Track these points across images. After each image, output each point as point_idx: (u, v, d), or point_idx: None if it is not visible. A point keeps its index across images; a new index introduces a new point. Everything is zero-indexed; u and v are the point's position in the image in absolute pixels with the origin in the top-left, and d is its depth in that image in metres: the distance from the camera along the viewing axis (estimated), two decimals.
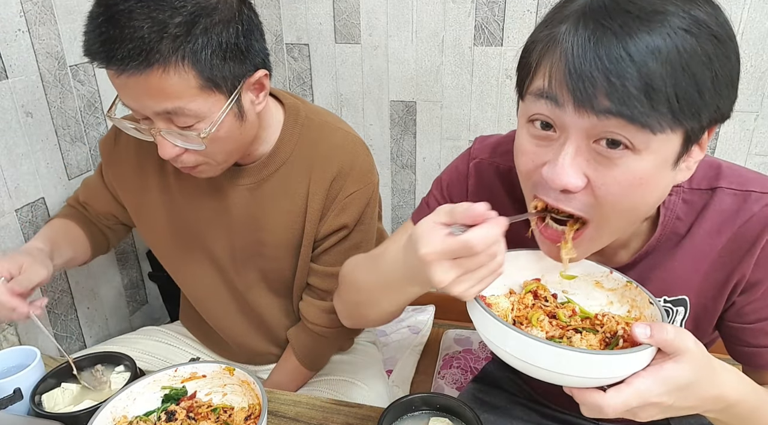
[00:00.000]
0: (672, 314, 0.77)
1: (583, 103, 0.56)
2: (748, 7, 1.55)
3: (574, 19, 0.57)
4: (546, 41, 0.59)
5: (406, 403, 0.78)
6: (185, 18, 0.80)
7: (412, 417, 0.78)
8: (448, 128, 1.90)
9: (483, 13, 1.72)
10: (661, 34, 0.54)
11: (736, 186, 0.72)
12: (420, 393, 0.80)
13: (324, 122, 1.06)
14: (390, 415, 0.75)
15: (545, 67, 0.59)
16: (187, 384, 0.82)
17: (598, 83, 0.54)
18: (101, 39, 0.79)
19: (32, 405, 0.80)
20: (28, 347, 0.89)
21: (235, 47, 0.85)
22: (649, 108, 0.55)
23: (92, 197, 1.20)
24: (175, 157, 0.90)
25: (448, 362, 1.64)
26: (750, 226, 0.70)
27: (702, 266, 0.73)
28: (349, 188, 1.03)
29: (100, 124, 1.55)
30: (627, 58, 0.54)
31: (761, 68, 1.61)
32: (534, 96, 0.61)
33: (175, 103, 0.83)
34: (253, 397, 0.79)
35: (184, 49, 0.80)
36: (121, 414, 0.76)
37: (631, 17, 0.55)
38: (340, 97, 1.95)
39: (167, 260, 1.18)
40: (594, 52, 0.54)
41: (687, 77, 0.55)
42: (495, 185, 0.85)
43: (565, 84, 0.57)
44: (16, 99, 1.28)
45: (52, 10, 1.35)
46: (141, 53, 0.78)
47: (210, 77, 0.84)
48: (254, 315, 1.17)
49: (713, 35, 0.57)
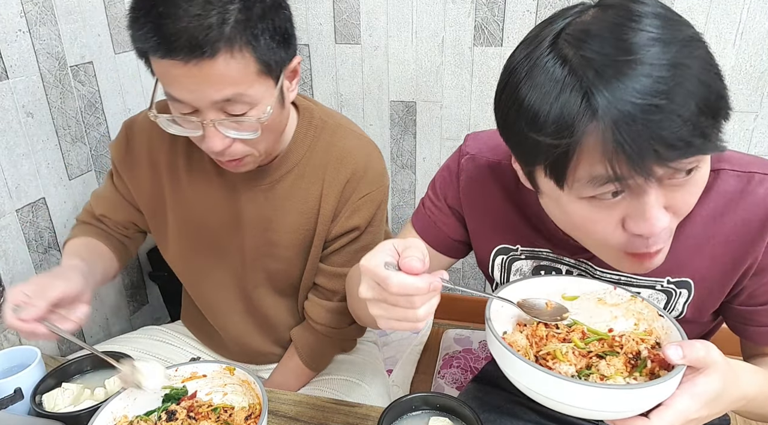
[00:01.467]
0: (675, 296, 0.77)
1: (652, 174, 0.54)
2: (748, 7, 1.55)
3: (598, 92, 0.53)
4: (580, 131, 0.54)
5: (406, 403, 0.78)
6: (243, 4, 0.79)
7: (412, 417, 0.78)
8: (448, 128, 1.91)
9: (483, 13, 1.72)
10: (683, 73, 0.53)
11: (739, 168, 0.72)
12: (420, 392, 0.80)
13: (338, 125, 1.06)
14: (390, 415, 0.75)
15: (592, 154, 0.55)
16: (187, 384, 0.82)
17: (662, 155, 0.53)
18: (162, 31, 0.77)
19: (32, 405, 0.81)
20: (29, 347, 0.89)
21: (285, 31, 0.86)
22: (708, 143, 0.54)
23: (109, 208, 1.16)
24: (223, 150, 0.88)
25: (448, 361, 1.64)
26: (757, 209, 0.70)
27: (707, 249, 0.73)
28: (362, 191, 1.04)
29: (100, 124, 1.55)
30: (677, 119, 0.52)
31: (761, 68, 1.61)
32: (589, 183, 0.58)
33: (235, 90, 0.82)
34: (253, 397, 0.79)
35: (247, 34, 0.80)
36: (122, 413, 0.76)
37: (648, 73, 0.53)
38: (340, 97, 1.95)
39: (176, 260, 1.17)
40: (641, 121, 0.52)
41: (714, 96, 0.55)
42: (486, 178, 0.85)
43: (626, 165, 0.54)
44: (17, 99, 1.28)
45: (52, 10, 1.35)
46: (207, 41, 0.77)
47: (266, 62, 0.83)
48: (259, 315, 1.17)
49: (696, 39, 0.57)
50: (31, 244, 1.36)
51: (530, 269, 0.84)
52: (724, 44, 1.61)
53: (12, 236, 1.31)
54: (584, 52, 0.55)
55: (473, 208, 0.87)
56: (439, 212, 0.91)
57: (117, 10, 1.56)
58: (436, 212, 0.91)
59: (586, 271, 0.80)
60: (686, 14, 1.72)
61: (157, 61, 0.81)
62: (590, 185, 0.58)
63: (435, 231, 0.92)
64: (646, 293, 0.78)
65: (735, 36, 1.59)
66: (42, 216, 1.38)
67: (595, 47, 0.55)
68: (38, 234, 1.38)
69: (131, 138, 1.09)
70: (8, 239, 1.30)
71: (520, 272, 0.86)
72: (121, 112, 1.62)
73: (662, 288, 0.77)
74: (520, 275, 0.86)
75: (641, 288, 0.78)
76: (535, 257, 0.83)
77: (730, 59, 1.62)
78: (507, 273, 0.87)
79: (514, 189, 0.73)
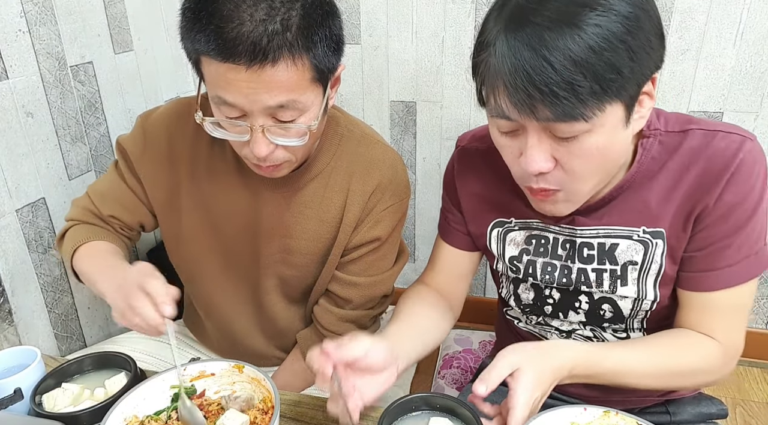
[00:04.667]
0: (652, 248, 0.83)
1: (528, 115, 0.67)
2: (748, 7, 1.55)
3: (500, 41, 0.67)
4: (483, 67, 0.71)
5: (406, 403, 0.78)
6: (305, 10, 0.79)
7: (412, 418, 0.78)
8: (448, 128, 1.90)
9: (483, 13, 1.72)
10: (571, 36, 0.63)
11: (705, 127, 0.80)
12: (420, 393, 0.80)
13: (364, 134, 1.06)
14: (390, 415, 0.75)
15: (491, 87, 0.70)
16: (195, 383, 0.82)
17: (532, 94, 0.65)
18: (225, 35, 0.76)
19: (32, 405, 0.80)
20: (28, 347, 0.89)
21: (339, 38, 0.86)
22: (578, 103, 0.64)
23: (119, 209, 1.09)
24: (267, 155, 0.87)
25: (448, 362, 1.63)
26: (717, 160, 0.77)
27: (674, 200, 0.81)
28: (387, 202, 1.04)
29: (100, 124, 1.55)
30: (549, 68, 0.63)
31: (761, 68, 1.61)
32: (490, 112, 0.73)
33: (290, 96, 0.81)
34: (262, 394, 0.80)
35: (307, 41, 0.79)
36: (132, 413, 0.77)
37: (543, 29, 0.64)
38: (340, 97, 1.95)
39: (185, 262, 1.15)
40: (522, 71, 0.64)
41: (604, 65, 0.63)
42: (478, 164, 0.96)
43: (508, 101, 0.68)
44: (17, 99, 1.28)
45: (52, 10, 1.35)
46: (271, 47, 0.76)
47: (320, 69, 0.83)
48: (266, 320, 1.16)
49: (623, 16, 0.64)
50: (31, 244, 1.36)
51: (523, 238, 0.93)
52: (724, 44, 1.61)
53: (12, 236, 1.31)
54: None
55: (468, 191, 0.97)
56: (452, 215, 1.01)
57: (117, 10, 1.56)
58: (450, 215, 1.01)
59: (570, 234, 0.88)
60: (686, 14, 1.72)
61: (214, 64, 0.79)
62: (492, 115, 0.73)
63: (456, 234, 1.01)
64: (624, 244, 0.84)
65: (735, 36, 1.59)
66: (42, 216, 1.38)
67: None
68: (38, 234, 1.38)
69: (148, 133, 1.05)
70: (8, 239, 1.30)
71: (514, 242, 0.94)
72: (121, 112, 1.62)
73: (638, 238, 0.84)
74: (515, 244, 0.94)
75: (620, 239, 0.85)
76: (527, 228, 0.93)
77: (730, 59, 1.62)
78: (503, 243, 0.95)
79: (504, 170, 0.81)
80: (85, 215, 1.10)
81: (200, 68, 0.84)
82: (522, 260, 0.93)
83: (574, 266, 0.88)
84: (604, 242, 0.86)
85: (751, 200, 0.77)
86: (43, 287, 1.40)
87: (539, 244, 0.91)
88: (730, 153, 0.77)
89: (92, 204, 1.10)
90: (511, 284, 0.98)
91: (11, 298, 1.32)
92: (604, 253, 0.86)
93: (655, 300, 0.85)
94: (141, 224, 1.13)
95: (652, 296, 0.85)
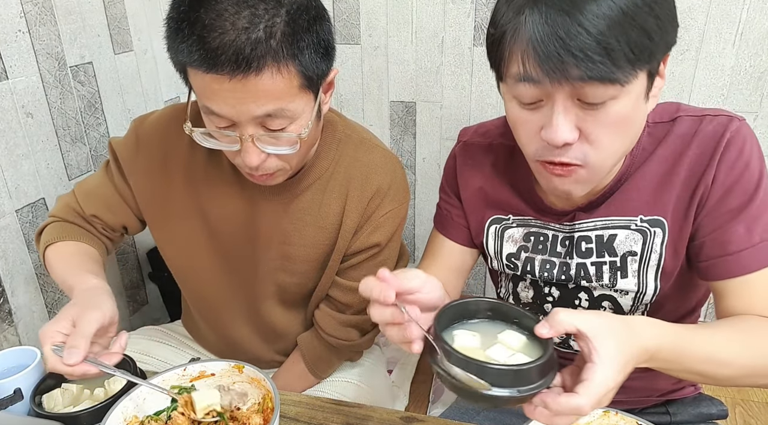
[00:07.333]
0: (650, 236, 0.83)
1: (558, 78, 0.66)
2: (748, 7, 1.55)
3: (528, 7, 0.66)
4: (513, 32, 0.68)
5: (461, 306, 0.66)
6: (290, 16, 0.77)
7: (470, 325, 0.66)
8: (448, 128, 1.91)
9: (483, 13, 1.72)
10: (605, 1, 0.63)
11: (693, 113, 0.81)
12: (477, 297, 0.68)
13: (362, 139, 1.04)
14: (443, 317, 0.64)
15: (517, 54, 0.68)
16: (196, 383, 0.82)
17: (565, 59, 0.64)
18: (207, 45, 0.74)
19: (32, 406, 0.80)
20: (28, 347, 0.89)
21: (327, 44, 0.83)
22: (612, 66, 0.64)
23: (103, 209, 1.08)
24: (259, 164, 0.85)
25: None
26: (708, 142, 0.79)
27: (671, 188, 0.81)
28: (386, 207, 1.02)
29: (100, 124, 1.55)
30: (583, 32, 0.63)
31: (761, 68, 1.61)
32: (514, 80, 0.70)
33: (277, 105, 0.80)
34: (262, 394, 0.80)
35: (293, 48, 0.77)
36: (132, 414, 0.77)
37: None
38: (340, 97, 1.95)
39: (181, 269, 1.14)
40: (555, 35, 0.63)
41: (636, 30, 0.64)
42: (479, 159, 0.96)
43: (538, 66, 0.66)
44: (17, 100, 1.28)
45: (52, 10, 1.35)
46: (254, 56, 0.74)
47: (309, 76, 0.81)
48: (265, 325, 1.15)
49: None
50: (31, 244, 1.36)
51: (521, 236, 0.92)
52: (724, 44, 1.61)
53: (12, 236, 1.31)
54: None
55: (468, 185, 0.97)
56: (452, 207, 1.00)
57: (117, 10, 1.56)
58: (449, 207, 1.00)
59: (571, 231, 0.87)
60: (686, 14, 1.72)
61: (199, 74, 0.78)
62: (513, 82, 0.70)
63: (454, 226, 0.99)
64: (623, 234, 0.84)
65: (735, 36, 1.59)
66: (42, 216, 1.38)
67: None
68: None
69: (142, 138, 1.04)
70: (8, 239, 1.30)
71: (512, 239, 0.93)
72: (120, 112, 1.62)
73: (637, 227, 0.83)
74: (512, 241, 0.93)
75: (618, 229, 0.84)
76: (525, 225, 0.92)
77: (730, 59, 1.62)
78: (500, 240, 0.95)
79: (504, 167, 0.81)
80: (67, 212, 1.09)
81: (188, 78, 0.83)
82: (520, 258, 0.93)
83: (572, 262, 0.88)
84: (602, 233, 0.85)
85: (749, 177, 0.77)
86: (43, 288, 1.40)
87: (538, 241, 0.91)
88: (719, 135, 0.78)
89: (76, 202, 1.09)
90: (509, 283, 0.98)
91: (11, 298, 1.32)
92: (603, 245, 0.86)
93: (655, 293, 0.85)
94: (124, 226, 1.12)
95: (653, 288, 0.85)
